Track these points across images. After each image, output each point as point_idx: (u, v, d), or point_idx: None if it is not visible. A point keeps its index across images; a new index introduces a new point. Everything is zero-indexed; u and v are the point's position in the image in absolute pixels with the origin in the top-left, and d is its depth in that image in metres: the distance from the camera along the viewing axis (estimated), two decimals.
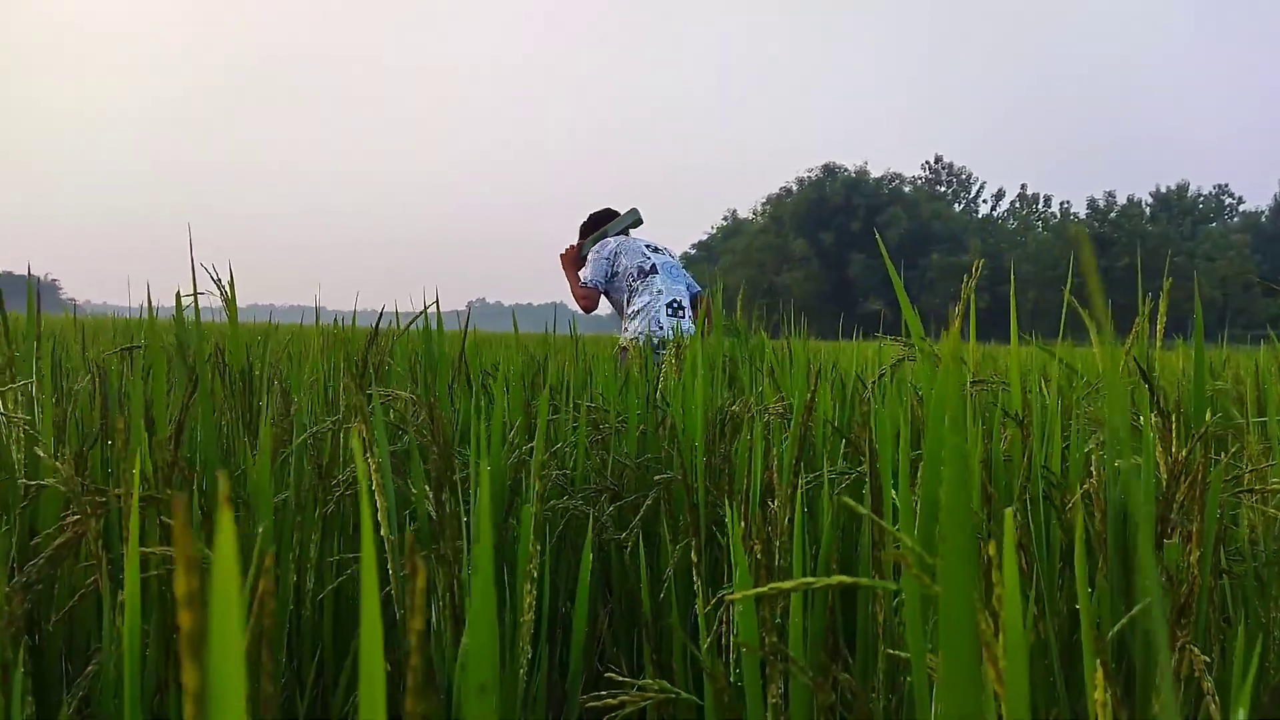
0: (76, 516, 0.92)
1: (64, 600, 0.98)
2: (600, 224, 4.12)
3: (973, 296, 1.32)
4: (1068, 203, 66.88)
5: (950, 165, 72.22)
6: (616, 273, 3.89)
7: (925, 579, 0.49)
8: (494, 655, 0.37)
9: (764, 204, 70.32)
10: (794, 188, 67.27)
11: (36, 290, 1.38)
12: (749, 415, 1.59)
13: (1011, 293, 1.29)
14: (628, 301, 3.87)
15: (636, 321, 3.82)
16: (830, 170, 65.78)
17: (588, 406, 1.62)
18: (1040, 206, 68.13)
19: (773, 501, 0.96)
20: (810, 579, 0.55)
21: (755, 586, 0.68)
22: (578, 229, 4.22)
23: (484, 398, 1.55)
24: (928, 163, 72.28)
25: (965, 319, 1.28)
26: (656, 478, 1.28)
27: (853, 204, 63.59)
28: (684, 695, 0.75)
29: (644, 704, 0.76)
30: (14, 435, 1.14)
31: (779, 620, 0.78)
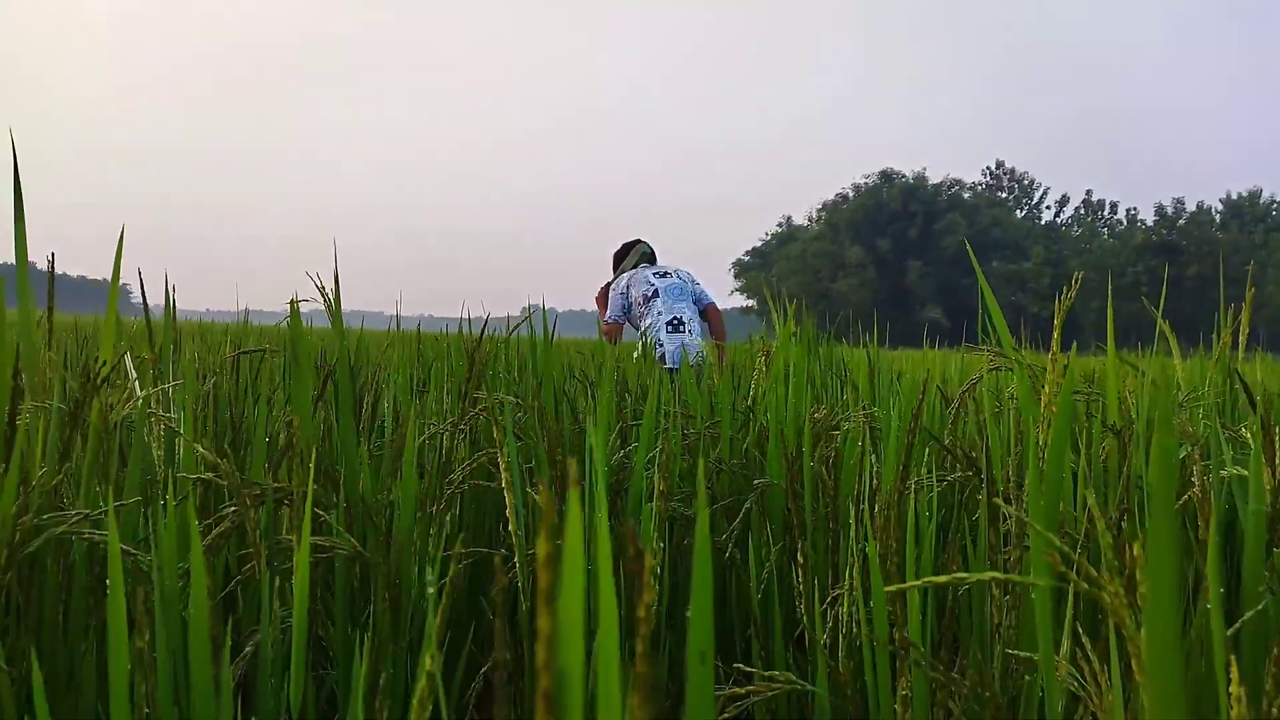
0: (234, 508, 1.00)
1: (218, 587, 1.06)
2: (621, 258, 4.74)
3: (1058, 307, 1.34)
4: (1134, 209, 65.37)
5: (1012, 171, 70.91)
6: (631, 303, 4.46)
7: (1076, 579, 0.53)
8: (709, 627, 0.42)
9: (819, 210, 69.80)
10: (850, 194, 66.69)
11: (136, 294, 1.47)
12: (838, 423, 1.63)
13: (1109, 303, 1.31)
14: (640, 324, 4.44)
15: (644, 341, 4.12)
16: (887, 176, 65.08)
17: (677, 413, 1.68)
18: (1105, 213, 66.58)
19: (876, 505, 1.00)
20: (964, 574, 0.59)
21: (886, 584, 0.72)
22: (611, 259, 4.85)
23: (584, 401, 1.61)
24: (988, 168, 71.10)
25: (1050, 329, 1.30)
26: (756, 481, 1.32)
27: (910, 210, 62.80)
28: (811, 688, 0.79)
29: (770, 694, 0.81)
30: (155, 432, 1.23)
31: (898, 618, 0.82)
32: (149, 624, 0.67)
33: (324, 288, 2.31)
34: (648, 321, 4.30)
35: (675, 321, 4.27)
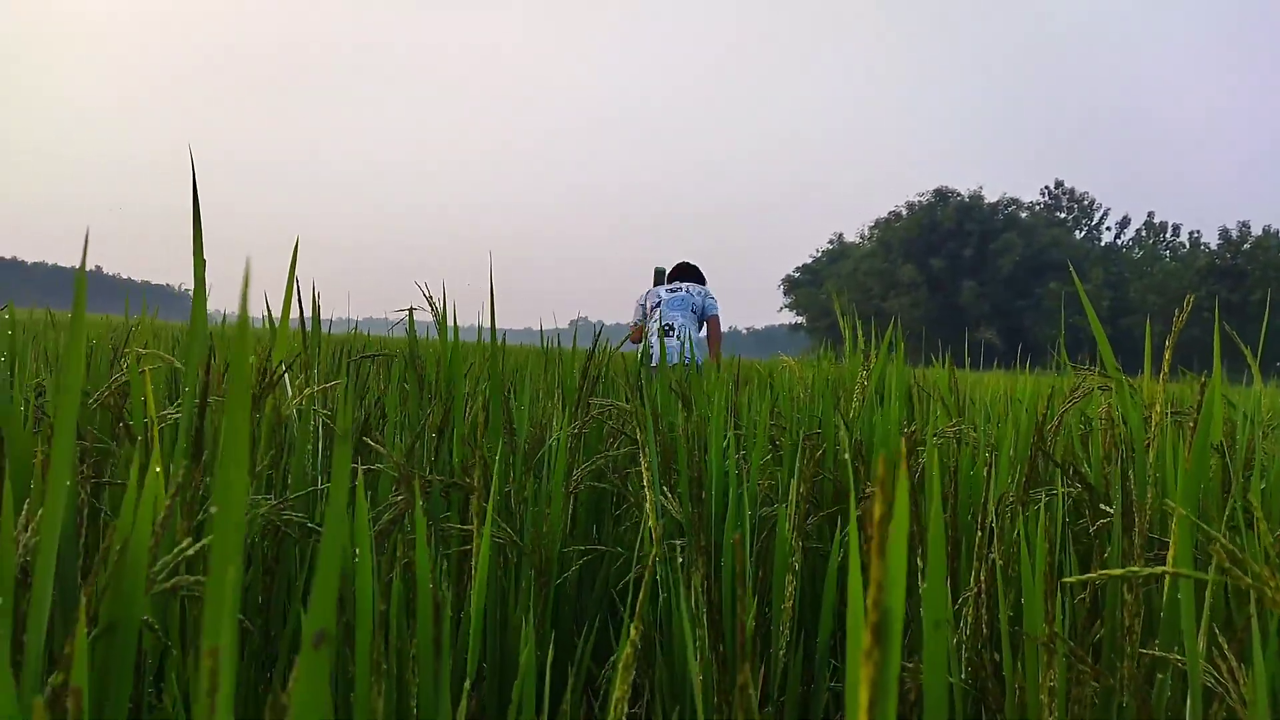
0: (403, 496, 1.09)
1: (384, 569, 1.15)
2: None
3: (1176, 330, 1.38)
4: (1197, 232, 63.70)
5: (1071, 191, 69.73)
6: (646, 312, 5.22)
7: (1239, 574, 0.59)
8: (945, 597, 0.48)
9: (871, 228, 69.31)
10: (903, 212, 66.11)
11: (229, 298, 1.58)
12: (936, 437, 1.68)
13: (1215, 325, 1.34)
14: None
15: (643, 343, 4.58)
16: (942, 195, 64.42)
17: (770, 425, 1.74)
18: (1168, 235, 65.11)
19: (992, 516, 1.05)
20: (1114, 570, 0.65)
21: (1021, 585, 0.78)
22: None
23: (702, 408, 1.68)
24: (1047, 188, 70.00)
25: (1144, 353, 1.34)
26: (869, 489, 1.38)
27: (965, 229, 62.05)
28: (952, 680, 0.85)
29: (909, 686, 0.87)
30: (312, 427, 1.33)
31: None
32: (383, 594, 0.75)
33: (432, 298, 2.41)
34: (650, 326, 4.99)
35: (667, 327, 4.96)
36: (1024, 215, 65.56)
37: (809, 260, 72.52)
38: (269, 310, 1.78)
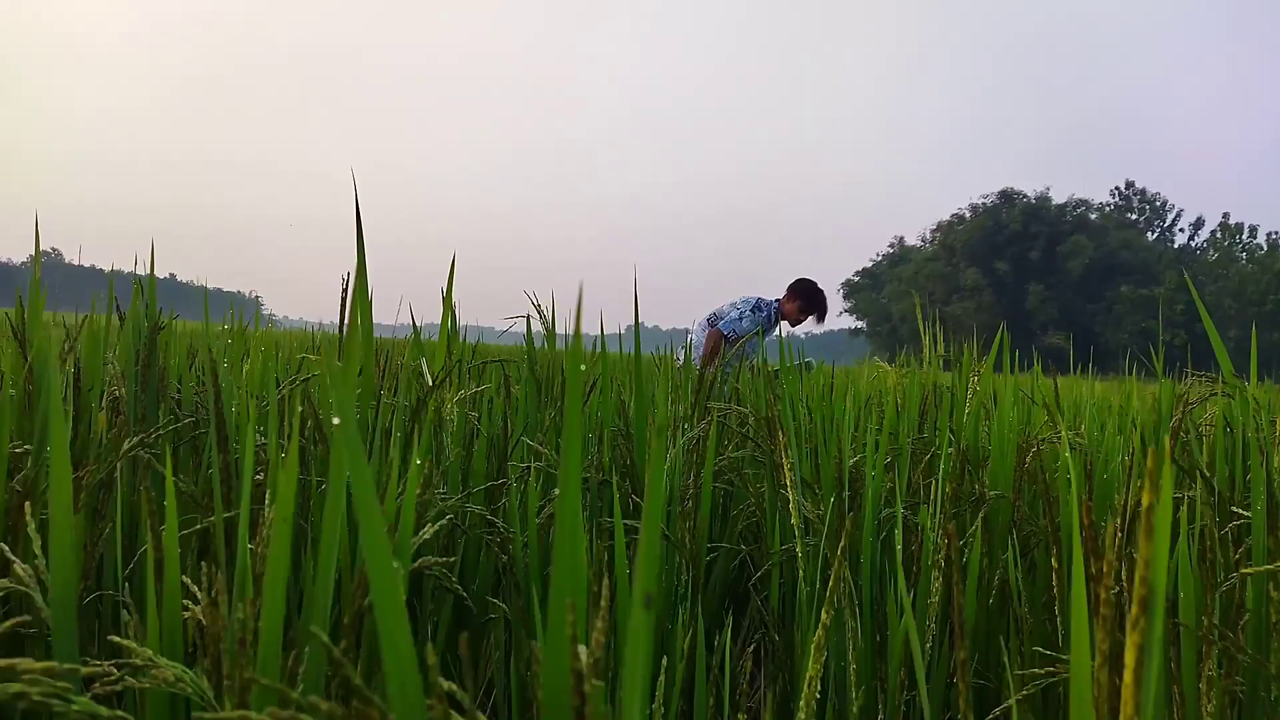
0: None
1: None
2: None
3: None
4: (1275, 233, 61.49)
5: (1143, 191, 67.85)
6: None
7: None
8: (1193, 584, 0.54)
9: (933, 231, 68.31)
10: (967, 214, 65.00)
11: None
12: (1041, 443, 1.71)
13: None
14: None
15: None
16: (1007, 196, 63.17)
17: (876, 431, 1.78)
18: (1245, 237, 62.94)
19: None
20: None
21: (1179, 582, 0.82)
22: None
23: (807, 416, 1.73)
24: (1117, 189, 68.23)
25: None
26: (992, 494, 1.42)
27: (1031, 232, 60.77)
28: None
29: (1056, 680, 0.92)
30: (456, 430, 1.42)
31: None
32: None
33: (540, 306, 2.50)
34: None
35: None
36: (1093, 217, 64.00)
37: (868, 264, 71.74)
38: (373, 309, 1.87)
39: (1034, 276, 59.32)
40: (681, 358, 5.19)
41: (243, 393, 1.17)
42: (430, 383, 1.39)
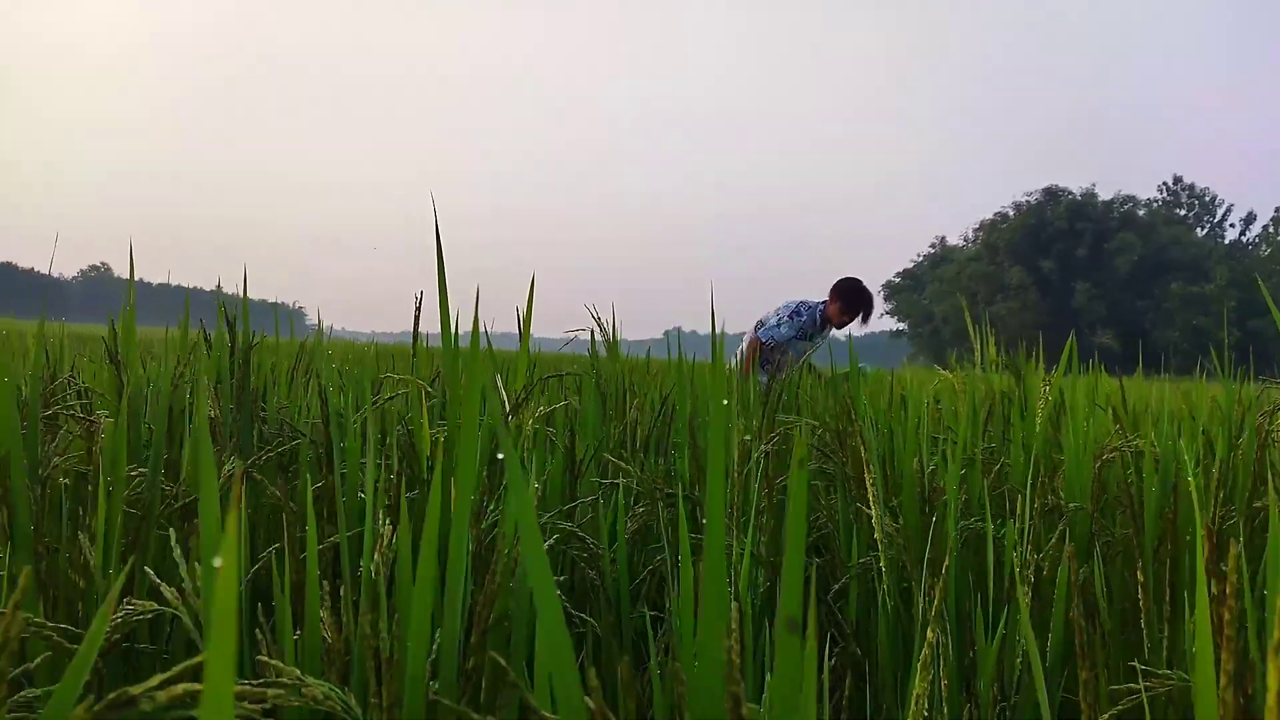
0: (647, 506, 1.19)
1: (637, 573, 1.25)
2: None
3: None
4: None
5: (1191, 186, 66.39)
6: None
7: None
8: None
9: (976, 230, 67.35)
10: (1010, 213, 64.01)
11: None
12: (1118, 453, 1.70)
13: None
14: None
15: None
16: (1052, 194, 62.12)
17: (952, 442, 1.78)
18: None
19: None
20: None
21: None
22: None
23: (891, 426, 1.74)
24: (1165, 184, 66.82)
25: None
26: (1072, 506, 1.42)
27: (1077, 229, 59.70)
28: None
29: (1162, 690, 0.92)
30: (540, 440, 1.45)
31: None
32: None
33: (600, 319, 2.53)
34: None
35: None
36: (1141, 213, 62.69)
37: (909, 265, 70.97)
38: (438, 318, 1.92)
39: (1081, 274, 58.27)
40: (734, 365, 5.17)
41: (347, 412, 1.21)
42: (509, 399, 1.42)
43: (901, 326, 68.20)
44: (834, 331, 5.34)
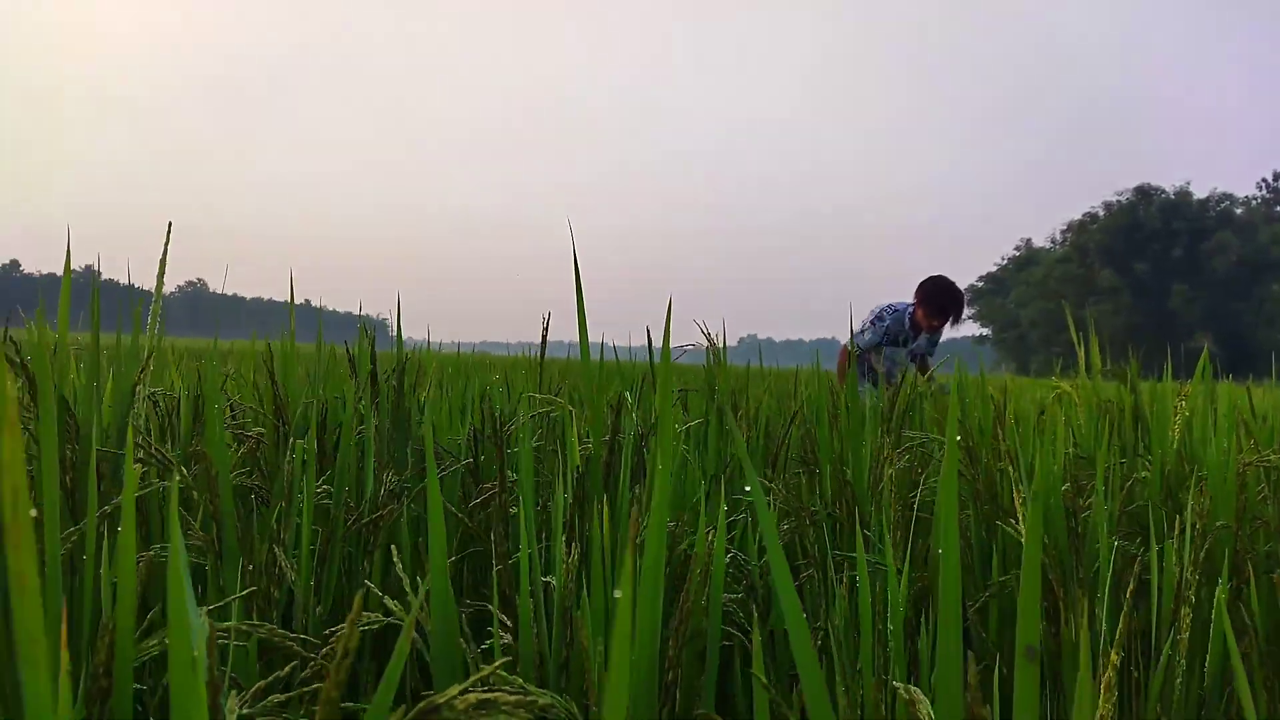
0: (792, 523, 1.22)
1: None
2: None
3: None
4: None
5: None
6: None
7: None
8: None
9: (1064, 231, 65.39)
10: (1100, 213, 61.96)
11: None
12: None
13: None
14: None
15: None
16: (1144, 193, 59.92)
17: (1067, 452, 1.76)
18: None
19: None
20: None
21: None
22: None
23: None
24: (1264, 180, 63.78)
25: None
26: (1219, 525, 1.39)
27: (1172, 229, 57.44)
28: None
29: None
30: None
31: None
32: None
33: (709, 334, 2.56)
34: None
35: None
36: (1239, 211, 59.99)
37: (993, 268, 69.26)
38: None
39: (1177, 276, 56.03)
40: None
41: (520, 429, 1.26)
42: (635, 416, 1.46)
43: (985, 332, 66.56)
44: (936, 335, 5.03)
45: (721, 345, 2.51)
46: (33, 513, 0.31)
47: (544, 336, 1.98)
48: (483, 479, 1.39)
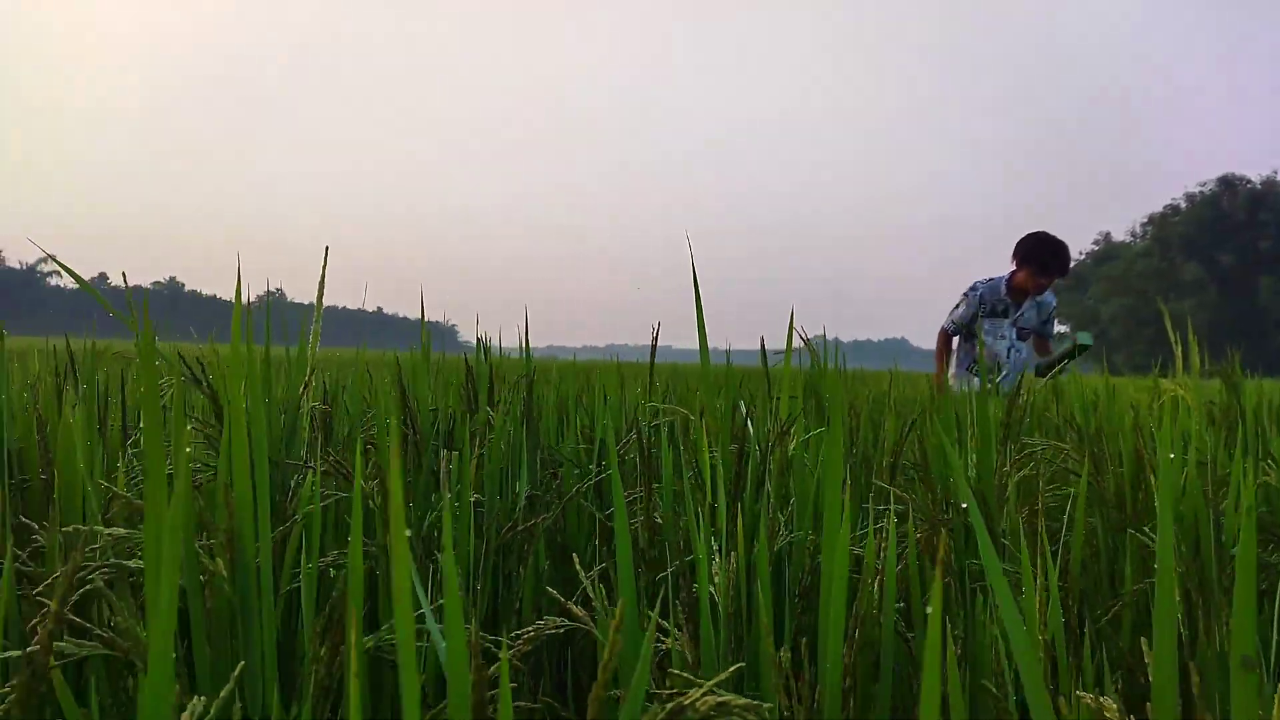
0: (926, 532, 1.24)
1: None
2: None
3: None
4: None
5: None
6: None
7: None
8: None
9: (1144, 224, 63.33)
10: (1182, 205, 59.85)
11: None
12: None
13: None
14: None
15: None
16: (1228, 183, 57.68)
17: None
18: None
19: None
20: None
21: None
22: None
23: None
24: None
25: None
26: None
27: (1259, 220, 55.16)
28: None
29: None
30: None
31: None
32: None
33: (808, 340, 2.57)
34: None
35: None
36: None
37: (1071, 263, 67.37)
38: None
39: (1265, 269, 53.76)
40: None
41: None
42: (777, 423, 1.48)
43: (1064, 329, 64.73)
44: (1045, 301, 4.64)
45: (824, 349, 2.52)
46: (407, 533, 0.36)
47: (654, 343, 2.02)
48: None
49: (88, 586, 0.70)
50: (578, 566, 0.81)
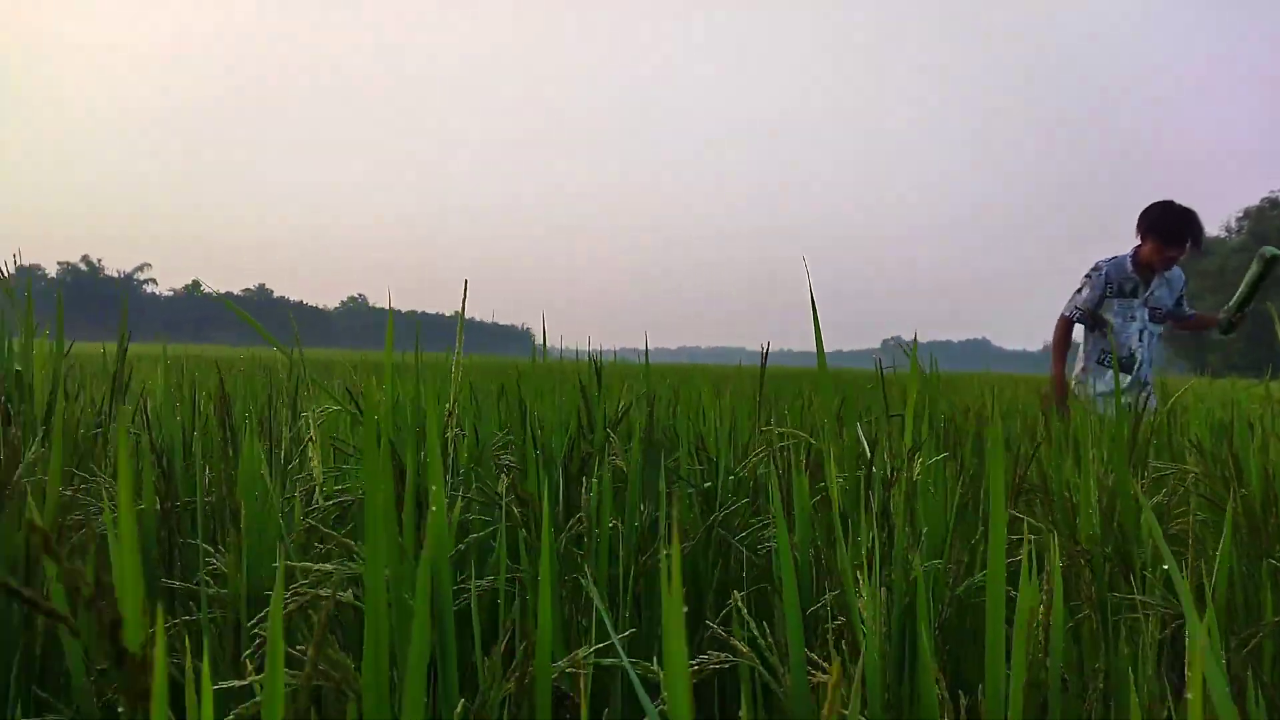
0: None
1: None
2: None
3: None
4: None
5: None
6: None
7: None
8: None
9: (1240, 219, 60.61)
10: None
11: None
12: None
13: None
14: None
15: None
16: None
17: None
18: None
19: None
20: None
21: None
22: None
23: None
24: None
25: None
26: None
27: None
28: None
29: None
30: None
31: None
32: None
33: (904, 347, 2.54)
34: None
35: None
36: None
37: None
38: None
39: None
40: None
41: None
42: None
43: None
44: (1174, 276, 4.32)
45: (933, 360, 2.49)
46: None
47: (764, 358, 2.02)
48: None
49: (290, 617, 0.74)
50: (739, 604, 0.83)
